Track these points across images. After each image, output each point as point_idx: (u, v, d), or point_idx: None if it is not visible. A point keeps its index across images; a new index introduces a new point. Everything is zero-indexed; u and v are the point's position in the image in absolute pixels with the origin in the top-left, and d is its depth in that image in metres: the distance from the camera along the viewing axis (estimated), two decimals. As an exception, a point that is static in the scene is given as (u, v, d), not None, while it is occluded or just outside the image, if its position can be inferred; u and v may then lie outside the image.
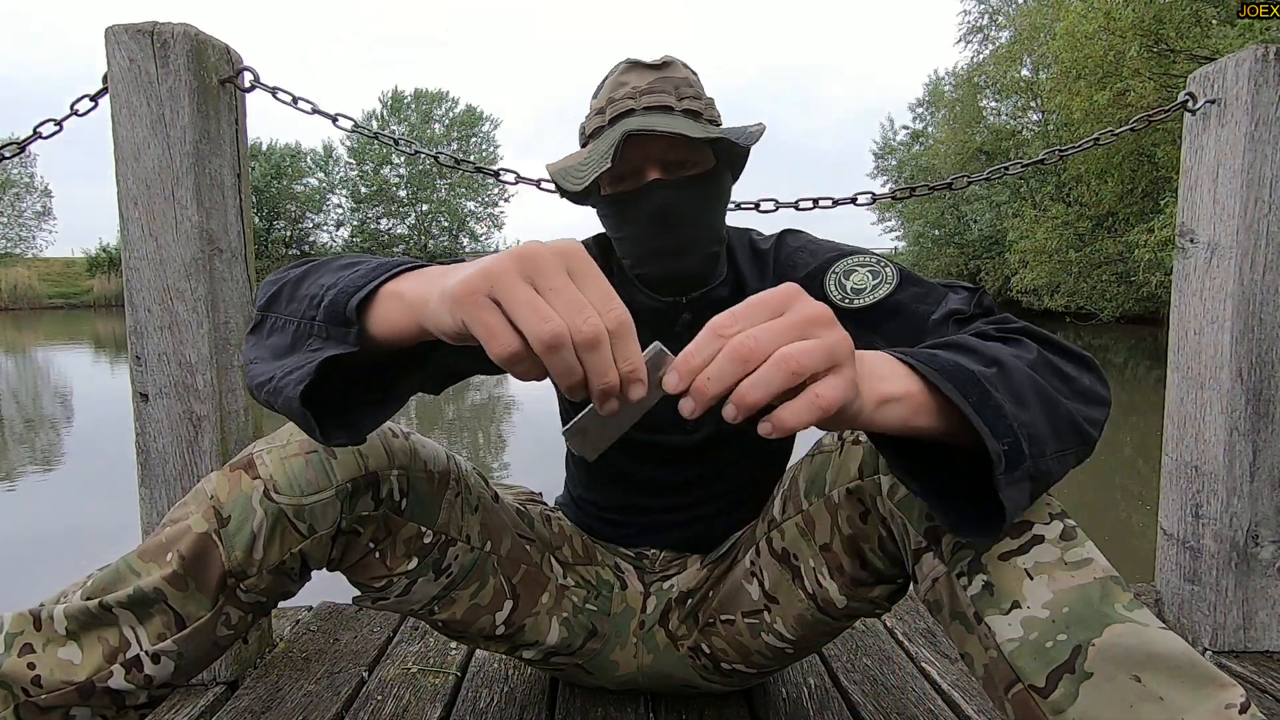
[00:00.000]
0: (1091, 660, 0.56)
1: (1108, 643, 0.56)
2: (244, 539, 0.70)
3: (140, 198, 1.10)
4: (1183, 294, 1.31)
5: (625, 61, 0.90)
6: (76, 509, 3.83)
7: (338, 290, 0.55)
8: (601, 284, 0.46)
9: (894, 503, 0.70)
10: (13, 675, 0.67)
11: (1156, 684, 0.55)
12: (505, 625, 0.90)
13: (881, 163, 30.64)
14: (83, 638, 0.69)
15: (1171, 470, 1.33)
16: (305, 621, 1.36)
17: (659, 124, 0.81)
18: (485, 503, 0.90)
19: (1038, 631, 0.58)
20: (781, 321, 0.46)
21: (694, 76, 0.91)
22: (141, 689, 0.69)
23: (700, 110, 0.88)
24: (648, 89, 0.86)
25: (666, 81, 0.87)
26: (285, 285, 0.62)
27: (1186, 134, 1.32)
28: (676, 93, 0.86)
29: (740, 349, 0.44)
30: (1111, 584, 0.59)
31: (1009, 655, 0.59)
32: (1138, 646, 0.56)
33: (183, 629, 0.69)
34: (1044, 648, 0.58)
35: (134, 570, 0.70)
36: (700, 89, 0.90)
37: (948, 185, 1.42)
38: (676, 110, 0.86)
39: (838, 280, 0.83)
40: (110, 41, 1.08)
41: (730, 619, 0.91)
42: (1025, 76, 19.32)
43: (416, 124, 31.95)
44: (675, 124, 0.81)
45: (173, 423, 1.12)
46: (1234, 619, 1.25)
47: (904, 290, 0.79)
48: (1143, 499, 3.89)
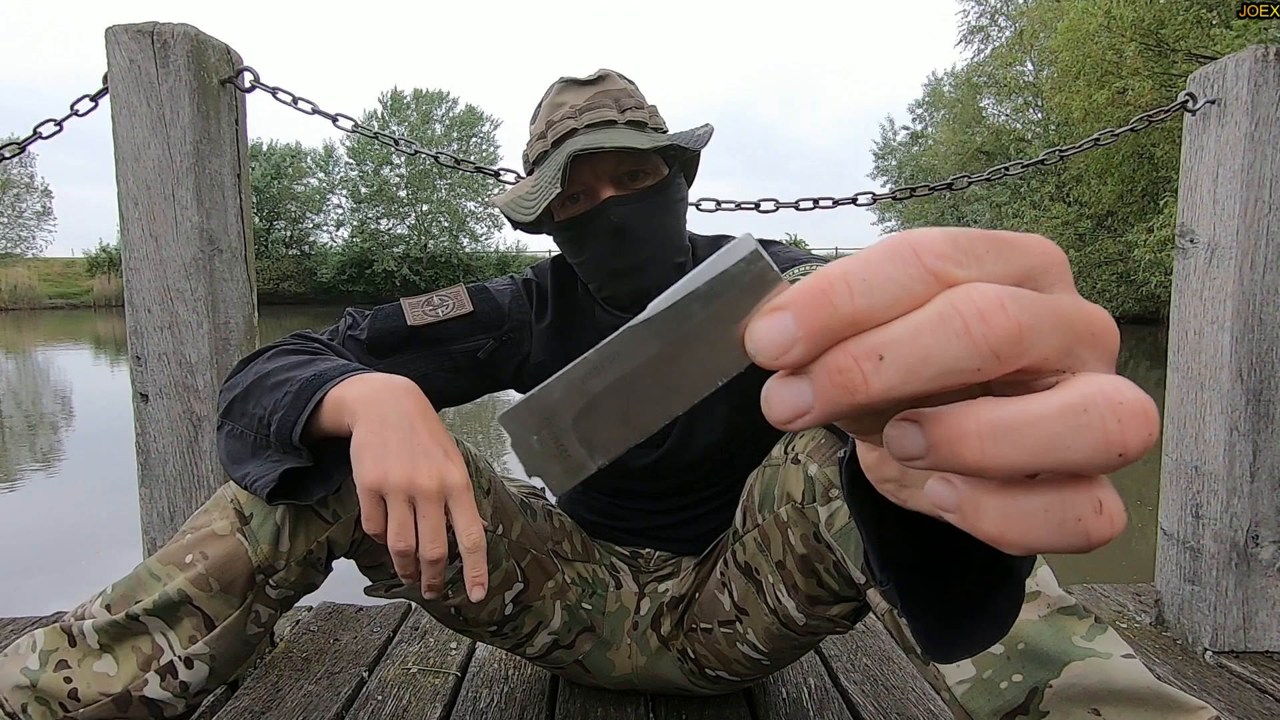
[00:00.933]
0: (1048, 700, 0.55)
1: (1065, 683, 0.55)
2: (268, 533, 0.70)
3: (140, 198, 1.10)
4: (1183, 294, 1.31)
5: (559, 81, 0.88)
6: (77, 509, 3.83)
7: (280, 419, 0.67)
8: (467, 513, 0.63)
9: (831, 535, 0.68)
10: (51, 691, 0.68)
11: (1117, 716, 0.54)
12: (514, 604, 0.90)
13: (881, 163, 30.65)
14: (116, 649, 0.69)
15: (1171, 470, 1.33)
16: (305, 621, 1.36)
17: (605, 140, 0.78)
18: (496, 487, 0.90)
19: (991, 669, 0.57)
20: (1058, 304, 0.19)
21: (632, 86, 0.88)
22: (179, 697, 0.70)
23: (644, 120, 0.85)
24: (587, 105, 0.83)
25: (605, 95, 0.84)
26: (234, 400, 0.73)
27: (1186, 134, 1.31)
28: (617, 104, 0.84)
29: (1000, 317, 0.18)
30: (1064, 616, 0.58)
31: (960, 698, 0.59)
32: (1097, 683, 0.55)
33: (212, 629, 0.70)
34: (998, 688, 0.56)
35: (154, 575, 0.70)
36: (641, 98, 0.87)
37: (948, 185, 1.42)
38: (620, 123, 0.83)
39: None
40: (110, 42, 1.08)
41: (709, 627, 0.91)
42: (1026, 74, 19.32)
43: (416, 124, 31.93)
44: (621, 137, 0.79)
45: (173, 423, 1.12)
46: (1234, 619, 1.25)
47: None
48: (1143, 499, 3.88)
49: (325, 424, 0.66)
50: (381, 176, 32.50)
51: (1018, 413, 0.17)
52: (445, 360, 0.89)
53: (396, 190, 32.66)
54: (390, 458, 0.61)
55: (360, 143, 32.16)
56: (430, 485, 0.61)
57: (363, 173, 32.86)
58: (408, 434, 0.63)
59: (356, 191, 32.84)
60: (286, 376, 0.70)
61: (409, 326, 0.87)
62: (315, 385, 0.67)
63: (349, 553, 0.79)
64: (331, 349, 0.84)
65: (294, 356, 0.76)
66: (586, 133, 0.82)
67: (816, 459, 0.72)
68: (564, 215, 0.86)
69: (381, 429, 0.63)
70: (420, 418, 0.65)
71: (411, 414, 0.65)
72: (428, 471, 0.61)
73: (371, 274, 31.17)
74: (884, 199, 1.47)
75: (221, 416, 0.75)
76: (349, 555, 0.80)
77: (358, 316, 0.89)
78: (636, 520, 1.03)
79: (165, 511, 1.14)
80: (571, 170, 0.80)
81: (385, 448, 0.62)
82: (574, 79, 0.87)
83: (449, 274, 31.43)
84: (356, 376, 0.68)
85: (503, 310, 0.93)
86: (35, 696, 0.68)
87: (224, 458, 0.73)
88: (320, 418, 0.66)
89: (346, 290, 31.31)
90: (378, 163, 32.19)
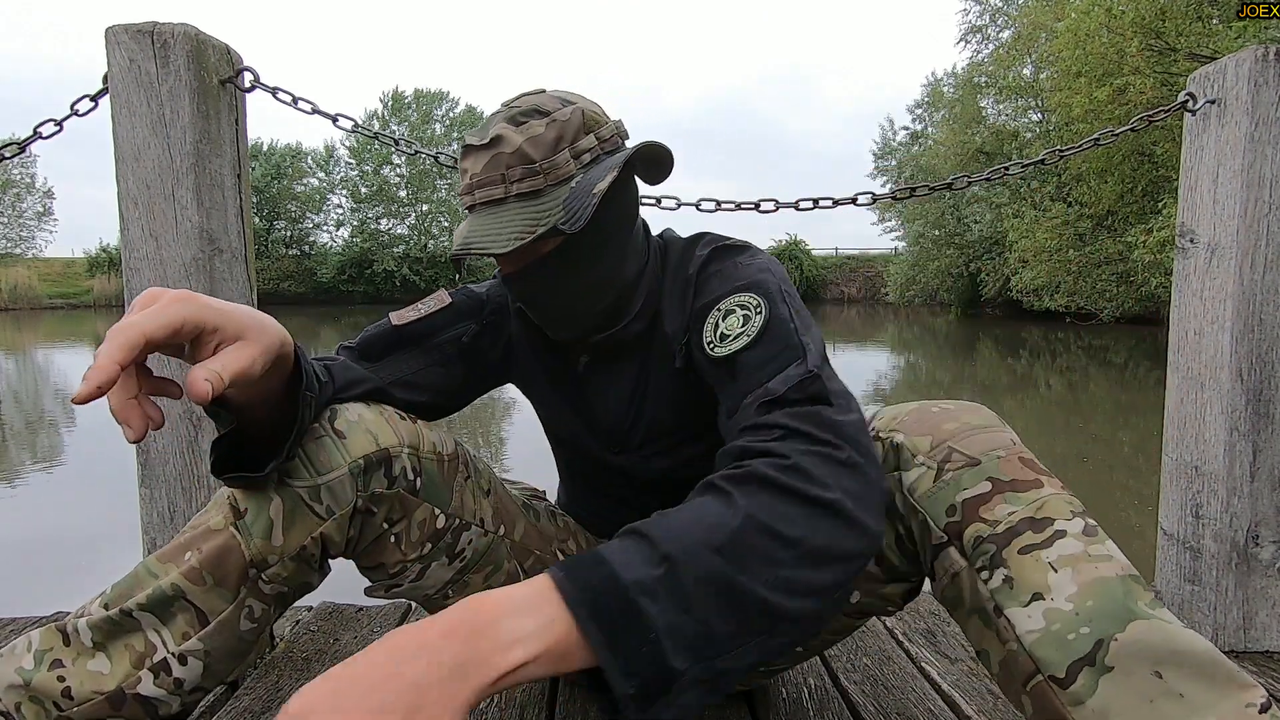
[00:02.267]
0: (1113, 654, 0.56)
1: (1131, 638, 0.56)
2: (262, 526, 0.71)
3: (140, 198, 1.10)
4: (1183, 294, 1.31)
5: (466, 136, 0.82)
6: (77, 509, 3.82)
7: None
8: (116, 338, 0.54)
9: (914, 499, 0.68)
10: (44, 690, 0.68)
11: (1177, 681, 0.55)
12: None
13: (881, 163, 30.65)
14: (109, 647, 0.69)
15: (1171, 470, 1.33)
16: (305, 621, 1.36)
17: (483, 233, 0.76)
18: (496, 488, 0.90)
19: (1060, 623, 0.58)
20: None
21: (537, 137, 0.77)
22: (173, 695, 0.70)
23: (539, 187, 0.77)
24: (478, 181, 0.79)
25: (497, 163, 0.77)
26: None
27: (1186, 134, 1.31)
28: (505, 178, 0.77)
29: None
30: (1133, 582, 0.59)
31: (1029, 647, 0.59)
32: (1161, 643, 0.56)
33: (206, 625, 0.70)
34: (1065, 639, 0.58)
35: (152, 573, 0.71)
36: (545, 147, 0.77)
37: (948, 185, 1.42)
38: (508, 199, 0.78)
39: (715, 321, 0.77)
40: (110, 41, 1.08)
41: None
42: (1026, 75, 19.33)
43: (417, 124, 31.94)
44: (496, 226, 0.76)
45: (173, 423, 1.12)
46: (1234, 619, 1.25)
47: (756, 348, 0.72)
48: (1143, 499, 3.88)
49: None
50: (382, 176, 32.50)
51: None
52: (434, 354, 0.90)
53: (397, 190, 32.66)
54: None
55: (360, 143, 32.16)
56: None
57: (363, 173, 32.87)
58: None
59: (356, 191, 32.85)
60: None
61: (394, 327, 0.89)
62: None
63: (346, 552, 0.79)
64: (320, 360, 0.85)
65: None
66: (477, 214, 0.79)
67: (904, 430, 0.71)
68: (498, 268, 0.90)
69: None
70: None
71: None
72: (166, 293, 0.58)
73: (371, 274, 31.17)
74: (884, 199, 1.47)
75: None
76: (347, 555, 0.80)
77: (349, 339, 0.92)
78: (632, 518, 1.03)
79: (165, 511, 1.14)
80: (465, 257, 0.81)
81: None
82: (470, 144, 0.80)
83: (449, 274, 31.34)
84: None
85: (481, 298, 0.95)
86: (29, 696, 0.68)
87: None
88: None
89: (346, 290, 31.31)
90: (378, 163, 32.19)
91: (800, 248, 33.41)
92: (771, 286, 0.77)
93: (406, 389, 0.88)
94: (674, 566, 0.51)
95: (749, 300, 0.76)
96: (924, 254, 23.99)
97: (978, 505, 0.64)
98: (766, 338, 0.72)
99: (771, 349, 0.71)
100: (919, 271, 24.29)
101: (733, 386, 0.72)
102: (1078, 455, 5.23)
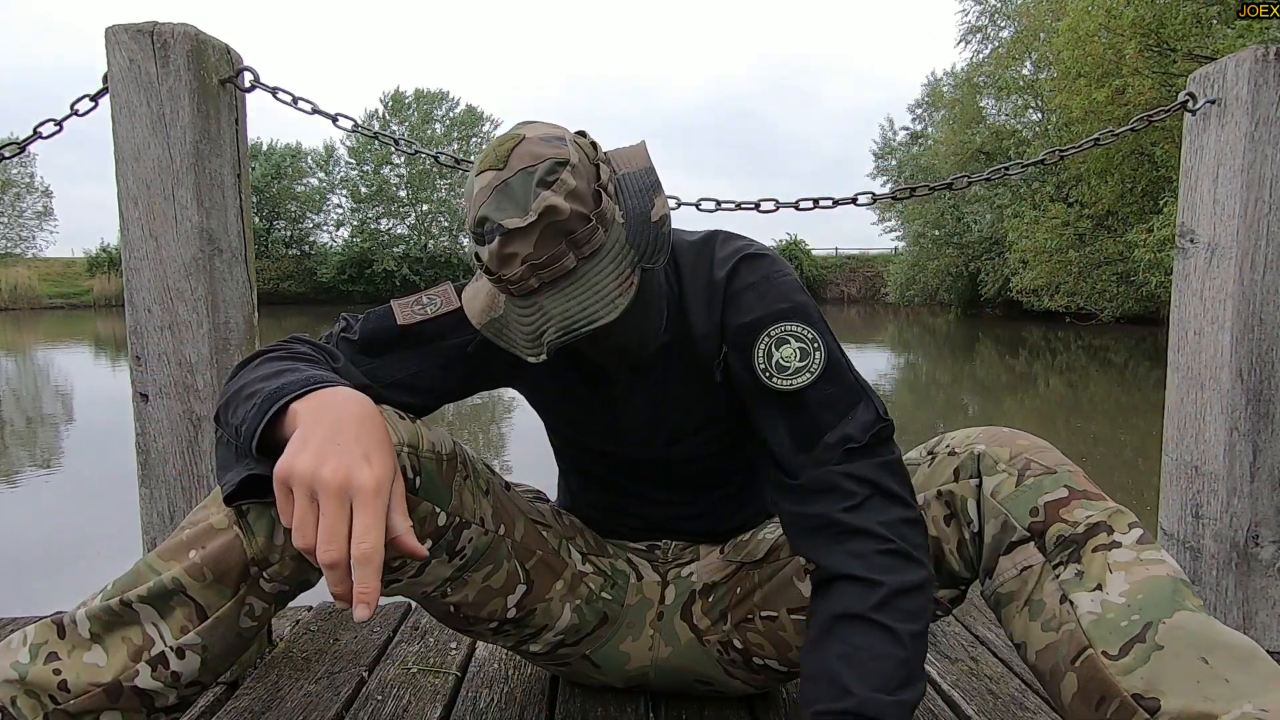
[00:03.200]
0: (1163, 635, 0.62)
1: (1177, 624, 0.63)
2: (264, 525, 0.71)
3: (140, 198, 1.10)
4: (1183, 294, 1.31)
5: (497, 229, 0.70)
6: (77, 509, 3.83)
7: (246, 429, 0.68)
8: (367, 518, 0.60)
9: (997, 500, 0.76)
10: (40, 684, 0.68)
11: (1223, 668, 0.60)
12: (517, 608, 0.90)
13: (881, 163, 30.66)
14: (106, 639, 0.69)
15: (1171, 470, 1.33)
16: (305, 621, 1.36)
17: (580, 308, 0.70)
18: (495, 488, 0.90)
19: (1114, 613, 0.65)
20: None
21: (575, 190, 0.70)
22: (170, 688, 0.70)
23: (601, 243, 0.71)
24: (540, 259, 0.69)
25: (555, 234, 0.70)
26: (220, 409, 0.75)
27: (1186, 134, 1.31)
28: (573, 243, 0.70)
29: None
30: (1183, 585, 0.66)
31: (1086, 626, 0.66)
32: (1205, 633, 0.62)
33: (204, 619, 0.70)
34: (1119, 625, 0.64)
35: (154, 569, 0.71)
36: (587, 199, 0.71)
37: (948, 185, 1.42)
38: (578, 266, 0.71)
39: (768, 348, 0.80)
40: (110, 41, 1.08)
41: (773, 615, 0.91)
42: (1026, 75, 19.33)
43: (417, 124, 31.93)
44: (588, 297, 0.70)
45: (173, 423, 1.12)
46: (1234, 619, 1.25)
47: (819, 388, 0.78)
48: (1143, 499, 3.88)
49: (285, 434, 0.67)
50: (381, 176, 32.50)
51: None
52: (435, 357, 0.89)
53: (396, 190, 32.66)
54: (304, 452, 0.61)
55: (360, 143, 32.16)
56: (332, 480, 0.60)
57: (363, 173, 32.87)
58: (332, 433, 0.63)
59: (356, 191, 32.84)
60: (257, 389, 0.70)
61: (398, 326, 0.87)
62: (276, 398, 0.68)
63: None
64: (324, 351, 0.84)
65: (276, 365, 0.76)
66: (550, 291, 0.71)
67: (983, 443, 0.80)
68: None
69: (310, 428, 0.63)
70: (354, 420, 0.64)
71: (345, 416, 0.64)
72: (334, 467, 0.60)
73: (371, 274, 31.17)
74: (884, 199, 1.47)
75: (214, 422, 0.77)
76: None
77: (351, 320, 0.90)
78: (645, 512, 1.03)
79: (165, 511, 1.14)
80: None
81: (304, 443, 0.62)
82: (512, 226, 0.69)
83: (449, 274, 31.40)
84: (318, 390, 0.68)
85: None
86: (24, 690, 0.68)
87: (217, 463, 0.75)
88: (280, 428, 0.67)
89: (346, 290, 31.31)
90: (378, 163, 32.19)
91: (800, 248, 33.41)
92: (814, 313, 0.82)
93: (401, 390, 0.87)
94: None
95: (802, 333, 0.80)
96: (924, 254, 24.00)
97: (1058, 508, 0.73)
98: (829, 375, 0.79)
99: (836, 389, 0.79)
100: (919, 271, 24.29)
101: (799, 419, 0.79)
102: (1078, 455, 5.22)
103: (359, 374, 0.84)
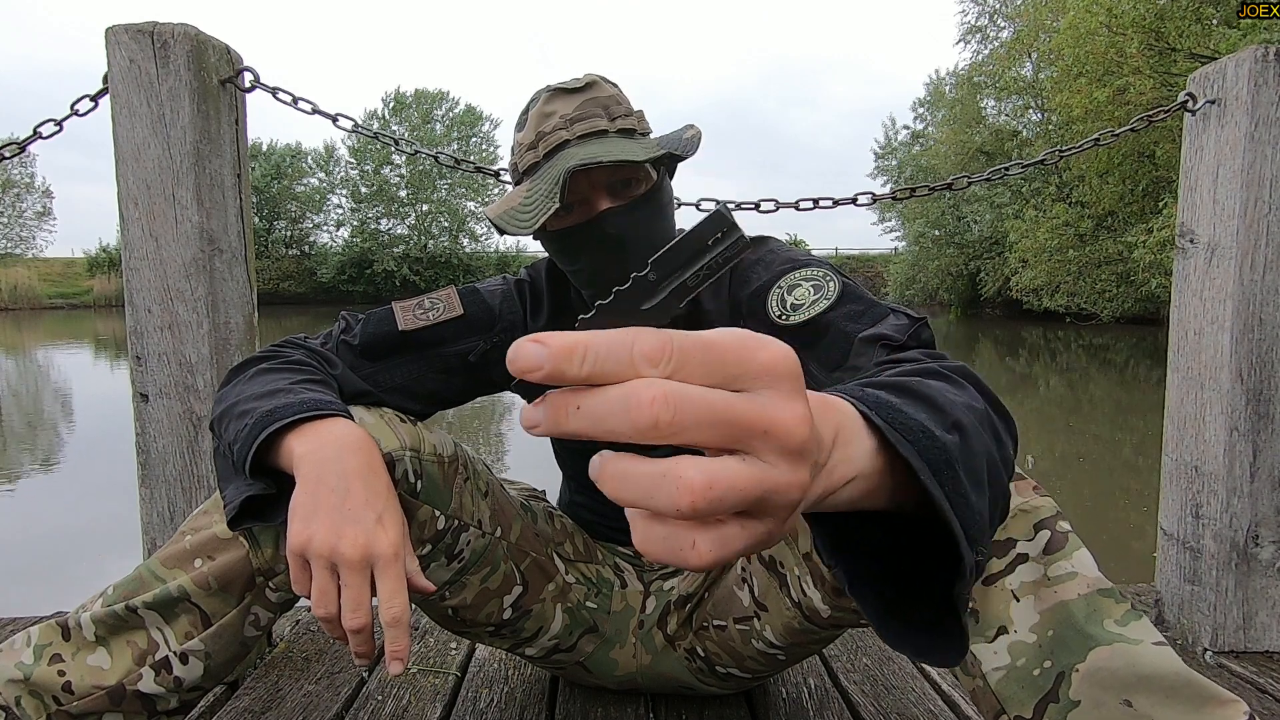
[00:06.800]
0: (1076, 687, 0.54)
1: (1092, 667, 0.54)
2: (270, 536, 0.71)
3: (140, 198, 1.10)
4: (1183, 294, 1.31)
5: (546, 90, 0.85)
6: (77, 509, 3.82)
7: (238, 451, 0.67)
8: (391, 583, 0.61)
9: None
10: (44, 684, 0.68)
11: (1149, 707, 0.53)
12: (513, 609, 0.90)
13: (882, 163, 30.66)
14: (111, 642, 0.70)
15: (1171, 470, 1.33)
16: (305, 621, 1.36)
17: (600, 152, 0.77)
18: (494, 489, 0.90)
19: (1025, 658, 0.57)
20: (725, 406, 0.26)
21: (619, 92, 0.86)
22: (172, 692, 0.70)
23: (634, 127, 0.84)
24: (577, 115, 0.81)
25: (594, 103, 0.82)
26: (216, 419, 0.74)
27: (1186, 134, 1.31)
28: (607, 113, 0.82)
29: (646, 409, 0.25)
30: (1100, 598, 0.57)
31: (994, 686, 0.58)
32: (1125, 668, 0.54)
33: (209, 626, 0.70)
34: (1030, 676, 0.56)
35: (157, 576, 0.71)
36: (628, 104, 0.85)
37: (948, 185, 1.42)
38: (611, 132, 0.82)
39: (780, 296, 0.78)
40: (110, 42, 1.08)
41: (723, 624, 0.91)
42: (1026, 76, 19.32)
43: (417, 124, 31.93)
44: (615, 149, 0.78)
45: (173, 423, 1.12)
46: (1234, 619, 1.25)
47: (841, 306, 0.74)
48: (1143, 499, 3.88)
49: (280, 460, 0.67)
50: (382, 176, 32.50)
51: (626, 469, 0.26)
52: (437, 363, 0.89)
53: (397, 190, 32.66)
54: (316, 522, 0.61)
55: (361, 143, 32.15)
56: (353, 554, 0.60)
57: (363, 173, 32.87)
58: (341, 497, 0.62)
59: (357, 191, 32.84)
60: (250, 407, 0.70)
61: (400, 331, 0.87)
62: (267, 422, 0.67)
63: None
64: (321, 357, 0.84)
65: (270, 378, 0.75)
66: (579, 144, 0.80)
67: None
68: (557, 226, 0.85)
69: (316, 490, 0.62)
70: (359, 479, 0.64)
71: (350, 475, 0.64)
72: (352, 539, 0.61)
73: (371, 274, 31.17)
74: (884, 199, 1.47)
75: (211, 429, 0.76)
76: None
77: (351, 320, 0.89)
78: None
79: (165, 511, 1.14)
80: (569, 183, 0.78)
81: (314, 511, 0.61)
82: (562, 87, 0.84)
83: (449, 274, 31.42)
84: (310, 424, 0.67)
85: (494, 312, 0.93)
86: (28, 690, 0.68)
87: (217, 474, 0.75)
88: (274, 453, 0.67)
89: (346, 290, 31.31)
90: (378, 163, 32.19)
91: (800, 248, 33.38)
92: (823, 262, 0.80)
93: (401, 395, 0.87)
94: (965, 437, 0.42)
95: (814, 273, 0.78)
96: (924, 254, 24.01)
97: None
98: (846, 297, 0.73)
99: (857, 306, 0.72)
100: (919, 271, 24.30)
101: (826, 341, 0.71)
102: (1077, 455, 5.23)
103: (357, 380, 0.84)
